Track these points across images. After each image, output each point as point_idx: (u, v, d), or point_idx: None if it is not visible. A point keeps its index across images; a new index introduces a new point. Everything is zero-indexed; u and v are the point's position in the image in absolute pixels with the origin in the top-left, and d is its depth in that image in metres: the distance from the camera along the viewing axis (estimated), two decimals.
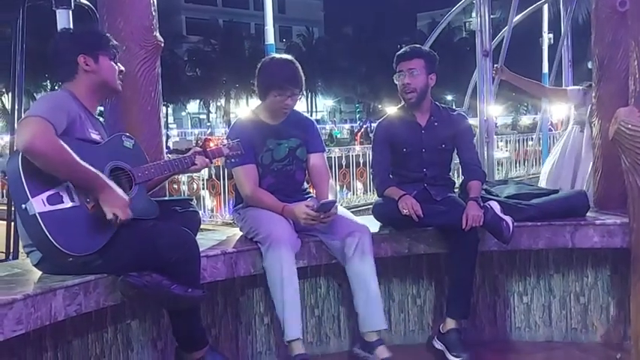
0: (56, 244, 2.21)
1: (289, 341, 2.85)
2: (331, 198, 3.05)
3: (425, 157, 3.29)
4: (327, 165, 3.28)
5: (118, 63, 2.62)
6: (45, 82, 31.00)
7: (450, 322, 3.11)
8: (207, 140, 18.47)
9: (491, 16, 4.97)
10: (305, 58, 33.44)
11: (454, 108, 3.52)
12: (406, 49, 3.31)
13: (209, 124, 46.18)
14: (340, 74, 43.91)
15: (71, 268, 2.35)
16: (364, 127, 36.01)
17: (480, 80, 4.88)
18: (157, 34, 3.26)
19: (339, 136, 37.61)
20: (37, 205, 2.21)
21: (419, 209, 3.03)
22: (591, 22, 3.61)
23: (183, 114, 50.16)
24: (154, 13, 3.24)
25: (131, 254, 2.40)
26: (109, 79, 2.57)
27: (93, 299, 2.40)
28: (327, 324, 3.35)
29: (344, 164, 12.72)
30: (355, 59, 43.64)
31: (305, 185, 3.27)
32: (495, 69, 4.97)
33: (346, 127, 45.17)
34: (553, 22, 9.83)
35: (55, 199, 2.26)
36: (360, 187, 12.90)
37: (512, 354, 3.33)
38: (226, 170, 9.83)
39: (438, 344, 3.16)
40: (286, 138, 3.13)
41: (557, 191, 3.53)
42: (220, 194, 11.08)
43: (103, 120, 3.05)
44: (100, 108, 2.87)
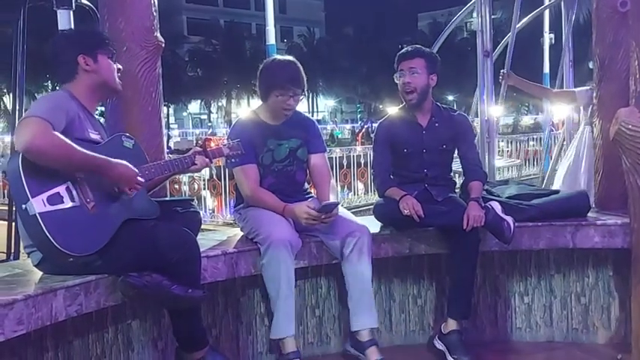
0: (56, 244, 2.21)
1: (281, 338, 2.88)
2: (332, 198, 3.05)
3: (426, 158, 3.29)
4: (329, 165, 3.28)
5: (116, 62, 2.63)
6: (46, 83, 30.97)
7: (452, 323, 3.11)
8: (208, 140, 18.45)
9: (492, 17, 4.97)
10: (306, 58, 33.41)
11: (455, 109, 3.52)
12: (408, 48, 3.31)
13: (210, 124, 46.17)
14: (341, 74, 43.88)
15: (72, 268, 2.36)
16: (365, 127, 35.95)
17: (481, 80, 4.87)
18: (158, 34, 3.26)
19: (340, 137, 37.62)
20: (38, 206, 2.21)
21: (420, 209, 3.02)
22: (592, 22, 3.61)
23: (184, 114, 50.18)
24: (154, 13, 3.24)
25: (132, 254, 2.40)
26: (108, 78, 2.57)
27: (93, 299, 2.40)
28: (328, 324, 3.34)
29: (345, 164, 12.70)
30: (356, 59, 43.60)
31: (306, 185, 3.27)
32: (502, 75, 4.97)
33: (347, 127, 45.11)
34: (554, 23, 9.83)
35: (56, 199, 2.26)
36: (361, 187, 12.90)
37: (513, 354, 3.33)
38: (227, 170, 9.84)
39: (439, 344, 3.16)
40: (287, 138, 3.12)
41: (558, 191, 3.54)
42: (221, 194, 11.09)
43: (103, 120, 3.06)
44: (101, 108, 2.87)
